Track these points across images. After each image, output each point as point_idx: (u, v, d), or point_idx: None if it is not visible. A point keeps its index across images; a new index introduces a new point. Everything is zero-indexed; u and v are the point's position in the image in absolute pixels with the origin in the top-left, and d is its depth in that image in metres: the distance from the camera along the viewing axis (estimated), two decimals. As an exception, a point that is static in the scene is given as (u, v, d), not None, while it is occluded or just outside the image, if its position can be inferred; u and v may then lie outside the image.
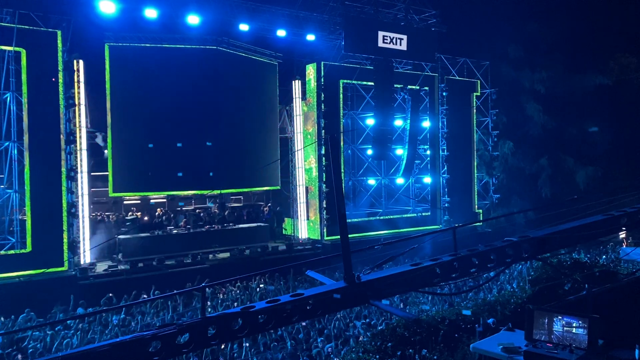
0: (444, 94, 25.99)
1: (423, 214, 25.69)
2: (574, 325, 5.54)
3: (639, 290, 7.04)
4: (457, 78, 26.55)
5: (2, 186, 17.29)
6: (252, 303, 3.46)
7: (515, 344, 5.87)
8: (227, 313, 3.25)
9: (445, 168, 26.11)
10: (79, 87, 18.09)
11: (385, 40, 22.47)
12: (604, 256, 18.55)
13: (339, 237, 15.38)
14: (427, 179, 26.22)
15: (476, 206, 27.15)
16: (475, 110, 27.21)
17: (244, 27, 20.15)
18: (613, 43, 28.29)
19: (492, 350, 4.80)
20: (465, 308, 10.37)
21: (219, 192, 22.34)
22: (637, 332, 5.31)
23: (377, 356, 8.15)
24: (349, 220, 22.87)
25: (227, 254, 20.47)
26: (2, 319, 14.26)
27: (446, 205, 25.98)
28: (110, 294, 15.97)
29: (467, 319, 9.37)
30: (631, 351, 4.85)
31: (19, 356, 11.51)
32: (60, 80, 17.14)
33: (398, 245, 4.84)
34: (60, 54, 17.07)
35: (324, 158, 22.63)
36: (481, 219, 26.43)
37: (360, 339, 10.85)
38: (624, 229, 5.36)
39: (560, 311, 5.67)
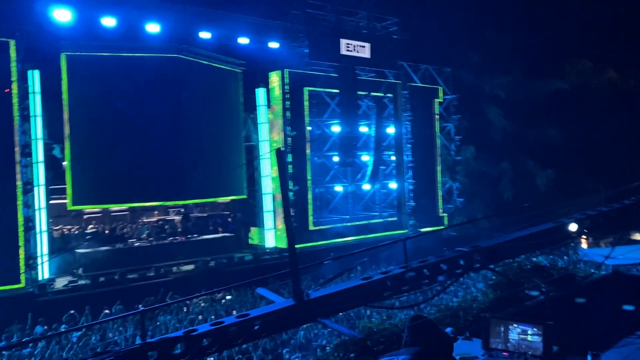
0: (408, 100, 26.25)
1: (389, 219, 25.83)
2: (529, 332, 5.59)
3: (595, 293, 7.16)
4: (420, 85, 26.87)
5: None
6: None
7: (472, 354, 5.90)
8: (168, 338, 3.14)
9: (410, 173, 26.34)
10: (34, 98, 17.57)
11: (348, 48, 22.58)
12: (565, 257, 18.92)
13: (307, 244, 15.32)
14: (393, 185, 26.40)
15: (441, 210, 27.47)
16: (437, 116, 27.56)
17: (205, 34, 19.94)
18: (570, 48, 29.10)
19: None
20: (430, 315, 10.40)
21: (182, 202, 22.00)
22: (591, 337, 5.38)
23: (340, 367, 8.08)
24: (318, 228, 23.05)
25: (191, 266, 20.13)
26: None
27: (412, 209, 26.18)
28: (72, 311, 15.50)
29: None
30: (584, 358, 4.90)
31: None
32: (15, 91, 16.62)
33: (353, 258, 4.80)
34: (13, 64, 16.55)
35: (290, 166, 22.52)
36: (446, 222, 26.74)
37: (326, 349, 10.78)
38: (573, 235, 5.46)
39: (516, 319, 5.72)
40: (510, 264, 10.16)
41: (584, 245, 20.41)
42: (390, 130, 26.11)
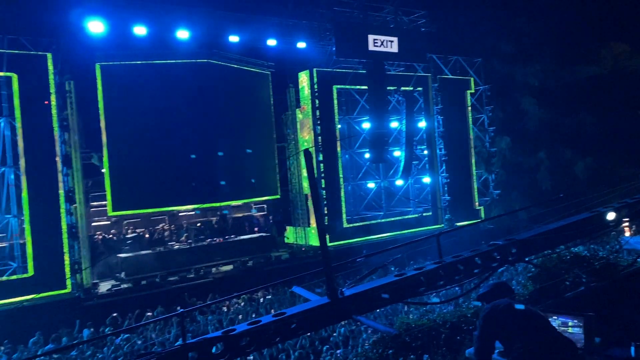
0: (438, 93, 25.98)
1: (424, 214, 25.62)
2: (570, 324, 5.49)
3: (637, 283, 6.98)
4: (450, 77, 26.54)
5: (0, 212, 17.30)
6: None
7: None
8: (207, 338, 3.23)
9: (444, 167, 26.07)
10: (72, 109, 18.12)
11: (375, 44, 22.47)
12: (607, 246, 18.39)
13: (342, 242, 15.36)
14: (427, 179, 26.18)
15: (477, 203, 27.08)
16: (470, 108, 27.17)
17: (234, 38, 20.18)
18: (604, 31, 28.23)
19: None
20: (468, 309, 10.30)
21: (218, 204, 22.35)
22: (634, 328, 5.26)
23: (379, 364, 8.12)
24: (352, 225, 23.05)
25: (230, 266, 20.44)
26: (5, 344, 14.18)
27: (447, 204, 25.91)
28: (115, 314, 15.94)
29: (469, 321, 9.31)
30: (628, 349, 4.79)
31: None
32: (53, 103, 17.16)
33: (387, 255, 4.82)
34: (51, 76, 17.10)
35: (322, 164, 22.60)
36: (482, 216, 26.34)
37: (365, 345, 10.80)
38: (611, 224, 5.32)
39: (556, 311, 5.63)
40: (549, 255, 9.97)
41: (627, 233, 19.80)
42: (422, 124, 25.88)
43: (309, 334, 12.55)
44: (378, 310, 13.97)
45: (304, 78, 23.23)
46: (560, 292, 8.93)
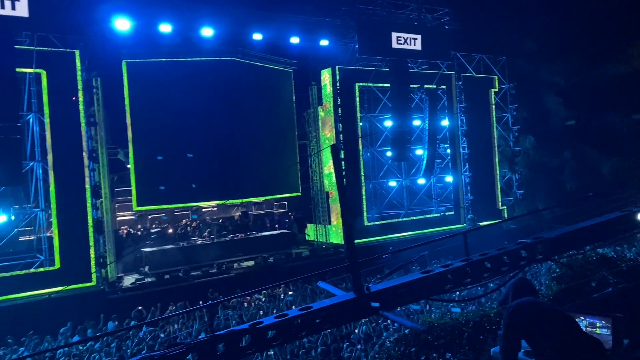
0: (462, 91, 25.76)
1: (446, 213, 25.46)
2: (598, 325, 5.42)
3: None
4: (474, 75, 26.30)
5: (29, 205, 17.69)
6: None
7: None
8: (235, 330, 3.27)
9: (467, 166, 25.85)
10: (98, 105, 18.43)
11: (399, 41, 22.38)
12: (633, 248, 18.08)
13: (363, 240, 15.37)
14: (449, 178, 25.99)
15: (500, 203, 26.80)
16: (494, 107, 26.91)
17: (257, 36, 20.29)
18: (632, 29, 27.62)
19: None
20: (491, 309, 10.21)
21: (240, 201, 22.51)
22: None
23: (401, 362, 8.09)
24: (372, 223, 23.01)
25: (251, 262, 20.58)
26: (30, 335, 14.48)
27: (469, 203, 25.70)
28: (140, 307, 16.19)
29: (493, 320, 9.23)
30: (656, 351, 4.71)
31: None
32: (81, 99, 17.46)
33: (411, 251, 4.81)
34: (79, 73, 17.39)
35: (343, 162, 22.59)
36: (505, 215, 26.06)
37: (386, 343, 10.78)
38: (643, 225, 5.23)
39: (583, 311, 5.56)
40: (574, 256, 9.84)
41: (655, 235, 19.36)
42: (445, 122, 25.70)
43: (330, 331, 12.61)
44: (399, 309, 13.97)
45: (326, 75, 23.25)
46: (586, 293, 8.81)
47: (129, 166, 20.15)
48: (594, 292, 8.83)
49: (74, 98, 17.39)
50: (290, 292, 17.17)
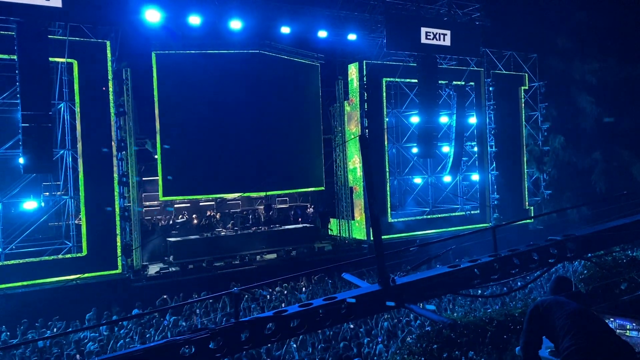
0: (491, 88, 25.38)
1: (472, 212, 25.16)
2: (628, 327, 5.29)
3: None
4: (504, 72, 25.87)
5: (58, 193, 18.05)
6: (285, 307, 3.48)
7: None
8: (260, 317, 3.27)
9: (494, 165, 25.48)
10: (128, 95, 18.67)
11: (428, 37, 22.14)
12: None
13: (386, 236, 15.26)
14: (475, 177, 25.66)
15: (527, 203, 26.38)
16: (523, 105, 26.45)
17: (285, 29, 20.28)
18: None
19: (539, 354, 4.63)
20: (515, 308, 10.07)
21: (264, 194, 22.61)
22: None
23: (423, 358, 8.02)
24: (396, 220, 22.88)
25: (274, 255, 20.69)
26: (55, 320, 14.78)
27: (495, 202, 25.34)
28: (165, 296, 16.41)
29: (517, 320, 9.09)
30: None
31: (78, 356, 11.94)
32: (110, 89, 17.72)
33: (437, 246, 4.75)
34: (109, 63, 17.65)
35: (368, 158, 22.46)
36: (532, 215, 25.65)
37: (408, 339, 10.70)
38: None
39: (613, 313, 5.43)
40: (604, 258, 9.63)
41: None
42: (473, 120, 25.36)
43: (351, 326, 12.59)
44: (421, 306, 13.87)
45: (353, 70, 23.15)
46: (615, 296, 8.61)
47: (156, 157, 20.40)
48: (623, 294, 8.63)
49: (104, 88, 17.67)
50: (304, 289, 17.15)
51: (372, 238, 22.03)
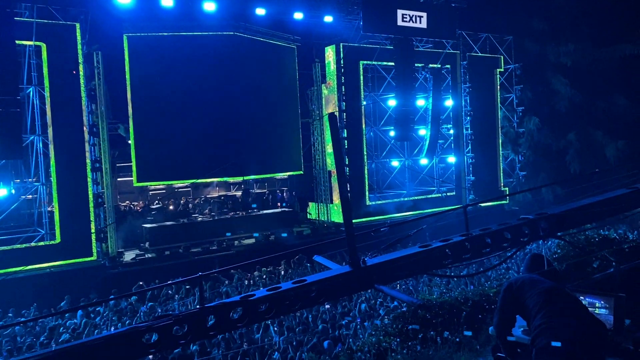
0: (467, 71, 25.44)
1: (448, 194, 25.34)
2: (597, 305, 5.32)
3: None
4: (480, 54, 25.93)
5: (30, 180, 17.65)
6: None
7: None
8: (226, 302, 3.19)
9: (470, 147, 25.65)
10: (99, 79, 18.24)
11: (404, 19, 22.01)
12: (635, 231, 18.00)
13: (364, 219, 15.31)
14: (451, 159, 25.82)
15: (502, 184, 26.66)
16: (499, 87, 26.58)
17: (260, 11, 19.94)
18: (641, 10, 27.05)
19: (513, 332, 4.66)
20: (490, 288, 10.18)
21: (242, 178, 22.44)
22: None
23: (398, 339, 8.06)
24: (374, 203, 22.92)
25: (252, 240, 20.57)
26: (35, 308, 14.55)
27: (471, 184, 25.56)
28: (141, 282, 16.23)
29: (492, 300, 9.18)
30: (659, 331, 4.62)
31: (54, 345, 11.75)
32: (81, 73, 17.29)
33: (410, 227, 4.71)
34: (79, 46, 17.19)
35: (346, 141, 22.46)
36: (507, 198, 25.94)
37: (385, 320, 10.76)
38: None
39: (584, 290, 5.46)
40: (577, 237, 9.76)
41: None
42: (449, 102, 25.42)
43: (328, 308, 12.62)
44: (398, 287, 13.96)
45: (330, 53, 22.95)
46: (588, 274, 8.74)
47: (129, 142, 20.04)
48: (595, 272, 8.76)
49: (74, 72, 17.23)
50: (283, 272, 17.09)
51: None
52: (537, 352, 4.02)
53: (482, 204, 24.29)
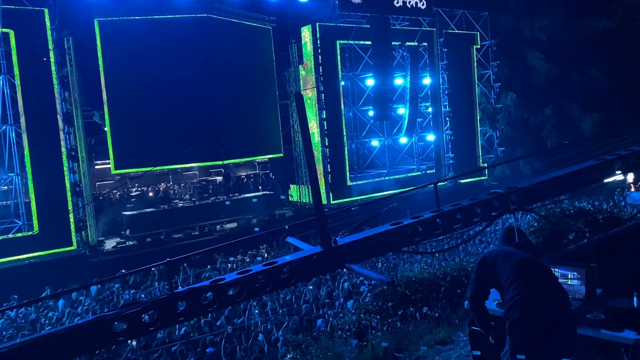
0: (444, 48, 25.43)
1: (428, 172, 25.51)
2: (569, 276, 5.42)
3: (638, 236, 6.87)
4: (456, 31, 25.92)
5: (3, 170, 17.32)
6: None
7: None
8: (195, 287, 3.18)
9: (448, 124, 25.78)
10: (71, 66, 17.87)
11: (380, -4, 21.86)
12: (611, 202, 18.31)
13: (344, 200, 15.32)
14: (431, 137, 25.93)
15: (481, 160, 26.90)
16: (476, 64, 26.66)
17: (233, -8, 19.67)
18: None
19: (487, 306, 4.72)
20: (469, 263, 10.31)
21: (221, 162, 22.28)
22: (636, 280, 5.18)
23: (378, 317, 8.15)
24: (354, 183, 22.98)
25: (234, 224, 20.53)
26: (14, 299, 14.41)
27: (450, 161, 25.73)
28: (123, 270, 16.10)
29: (470, 275, 9.30)
30: (630, 299, 4.72)
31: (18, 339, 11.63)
32: (52, 60, 16.95)
33: (382, 205, 4.72)
34: (49, 32, 16.83)
35: (325, 122, 22.40)
36: (487, 173, 26.20)
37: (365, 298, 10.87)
38: (618, 172, 5.17)
39: (557, 263, 5.55)
40: (552, 210, 9.89)
41: (633, 189, 19.63)
42: (427, 80, 25.45)
43: (310, 287, 12.70)
44: (380, 266, 14.09)
45: (306, 33, 22.73)
46: (563, 246, 8.88)
47: (105, 129, 19.74)
48: (570, 244, 8.91)
49: (44, 59, 16.86)
50: (266, 254, 17.10)
51: (332, 202, 22.20)
52: (511, 325, 4.09)
53: (462, 181, 24.50)
